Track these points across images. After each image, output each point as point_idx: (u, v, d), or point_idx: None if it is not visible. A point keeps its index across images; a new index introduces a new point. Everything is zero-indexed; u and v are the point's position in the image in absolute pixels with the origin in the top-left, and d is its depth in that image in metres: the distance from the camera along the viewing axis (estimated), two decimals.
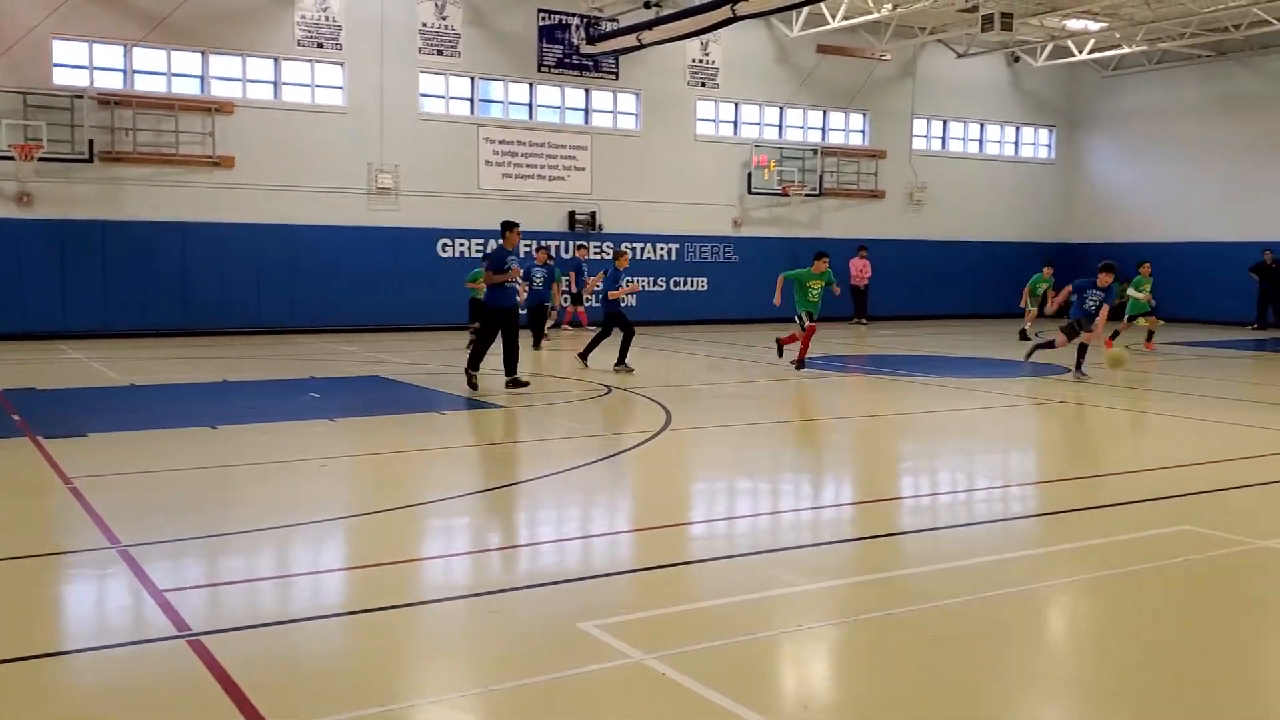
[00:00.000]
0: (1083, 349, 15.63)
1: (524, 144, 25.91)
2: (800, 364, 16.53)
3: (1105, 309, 15.37)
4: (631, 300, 15.80)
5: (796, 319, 16.57)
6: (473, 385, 13.66)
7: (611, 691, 4.55)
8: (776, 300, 16.59)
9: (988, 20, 23.95)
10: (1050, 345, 16.02)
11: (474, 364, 13.84)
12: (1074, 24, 28.03)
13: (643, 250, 27.05)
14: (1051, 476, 9.72)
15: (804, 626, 5.33)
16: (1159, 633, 5.38)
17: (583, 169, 26.55)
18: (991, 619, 5.47)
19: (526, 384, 13.84)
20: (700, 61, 27.87)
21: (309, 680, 4.66)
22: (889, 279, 29.63)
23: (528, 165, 25.96)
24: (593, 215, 26.56)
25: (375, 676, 4.61)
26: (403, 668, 4.75)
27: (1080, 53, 30.26)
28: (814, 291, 16.45)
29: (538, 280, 20.05)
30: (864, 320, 28.42)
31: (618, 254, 17.27)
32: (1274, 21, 26.21)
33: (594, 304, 23.05)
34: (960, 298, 31.69)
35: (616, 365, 15.97)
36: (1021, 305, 23.45)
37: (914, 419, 12.69)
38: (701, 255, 27.96)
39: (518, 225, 14.24)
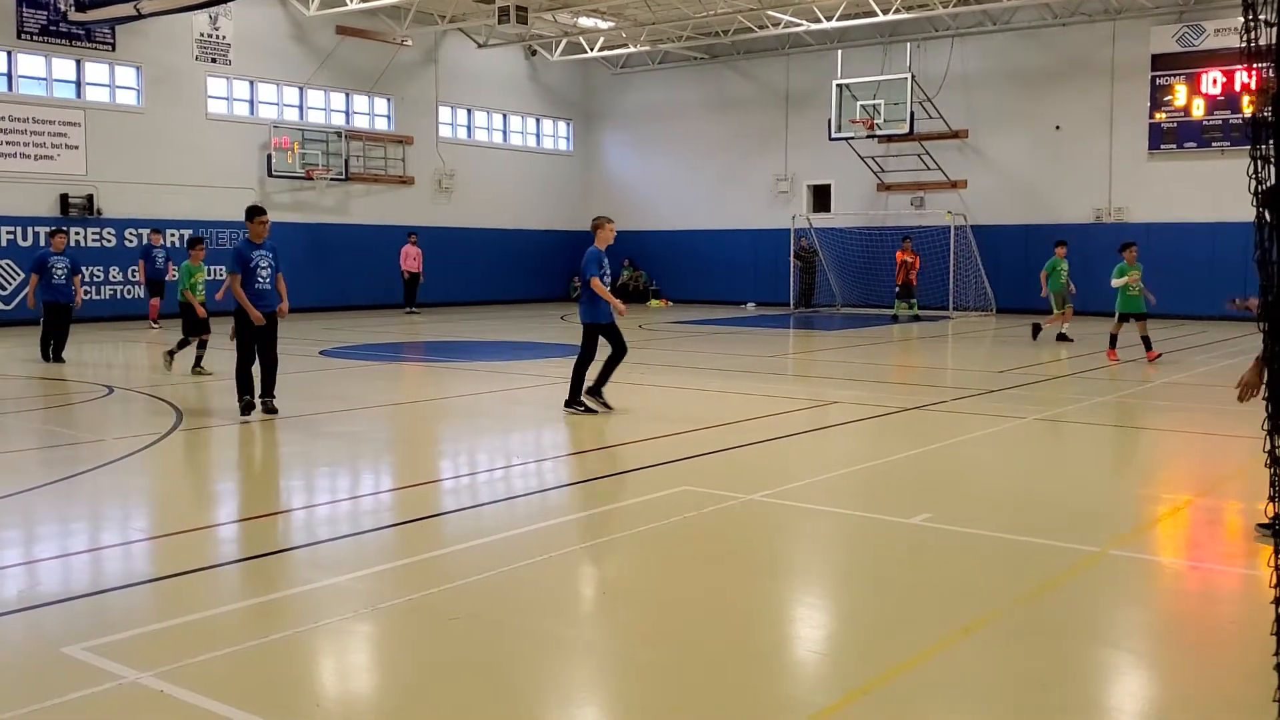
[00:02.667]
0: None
1: (3, 119, 22.93)
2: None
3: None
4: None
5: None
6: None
7: (97, 717, 4.09)
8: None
9: (504, 12, 24.58)
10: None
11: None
12: (585, 21, 29.54)
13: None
14: (571, 449, 10.13)
15: (320, 623, 5.11)
16: (663, 587, 5.75)
17: (76, 147, 23.95)
18: (510, 592, 5.58)
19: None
20: (209, 36, 26.15)
21: None
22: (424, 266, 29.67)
23: (8, 143, 22.99)
24: (90, 198, 24.08)
25: None
26: None
27: (592, 50, 31.95)
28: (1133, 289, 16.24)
29: (59, 273, 16.59)
30: (415, 309, 27.98)
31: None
32: (755, 29, 29.22)
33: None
34: (490, 284, 32.39)
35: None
36: (1046, 296, 19.64)
37: (445, 403, 12.76)
38: (219, 241, 26.26)
39: (262, 212, 11.21)
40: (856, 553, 6.56)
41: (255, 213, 11.19)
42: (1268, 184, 3.04)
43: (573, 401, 11.21)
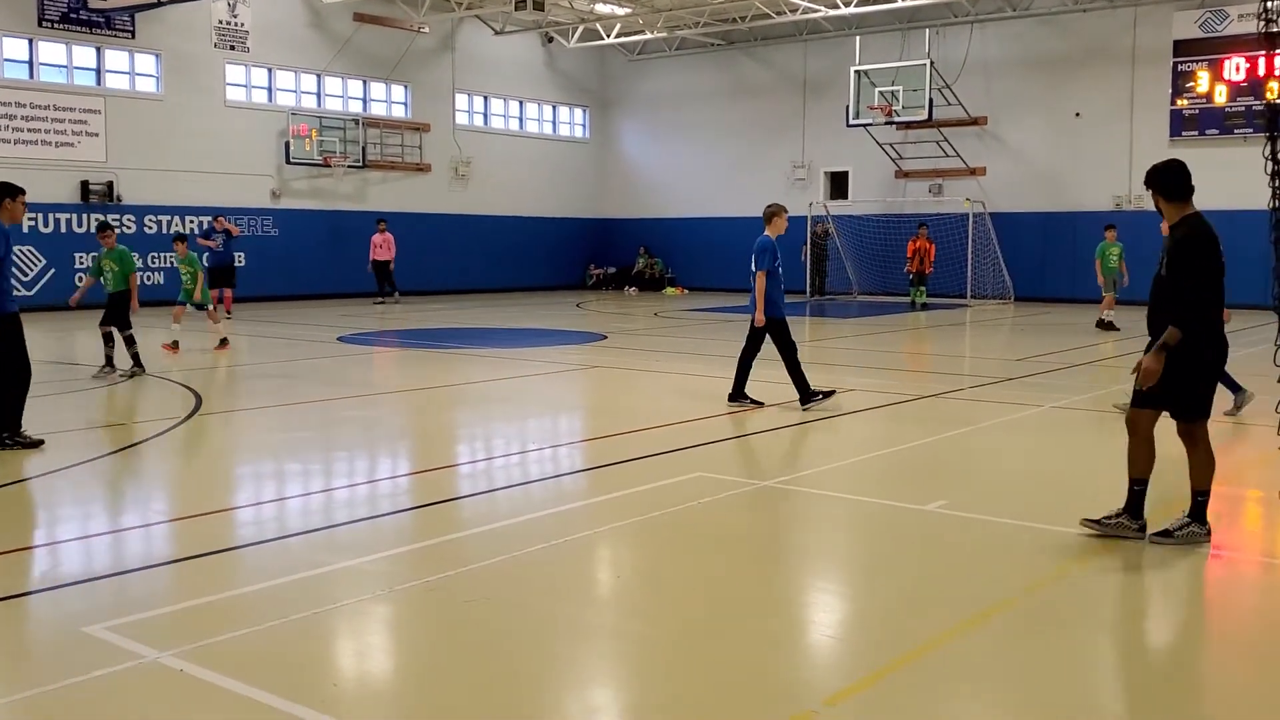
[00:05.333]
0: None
1: (25, 106, 23.08)
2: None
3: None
4: None
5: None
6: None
7: (117, 695, 4.15)
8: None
9: None
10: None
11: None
12: (603, 8, 29.49)
13: (170, 223, 25.14)
14: (586, 435, 10.16)
15: (338, 605, 5.15)
16: (677, 572, 5.78)
17: (96, 135, 24.10)
18: (525, 575, 5.61)
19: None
20: (228, 23, 26.23)
21: None
22: (436, 252, 29.69)
23: (30, 130, 23.16)
24: (110, 185, 24.24)
25: None
26: None
27: (608, 36, 31.89)
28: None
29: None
30: (394, 296, 27.04)
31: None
32: (773, 15, 29.11)
33: None
34: (506, 271, 32.41)
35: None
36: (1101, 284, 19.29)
37: (462, 389, 12.80)
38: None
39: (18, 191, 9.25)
40: (871, 539, 6.57)
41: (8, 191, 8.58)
42: None
43: (808, 396, 10.61)
